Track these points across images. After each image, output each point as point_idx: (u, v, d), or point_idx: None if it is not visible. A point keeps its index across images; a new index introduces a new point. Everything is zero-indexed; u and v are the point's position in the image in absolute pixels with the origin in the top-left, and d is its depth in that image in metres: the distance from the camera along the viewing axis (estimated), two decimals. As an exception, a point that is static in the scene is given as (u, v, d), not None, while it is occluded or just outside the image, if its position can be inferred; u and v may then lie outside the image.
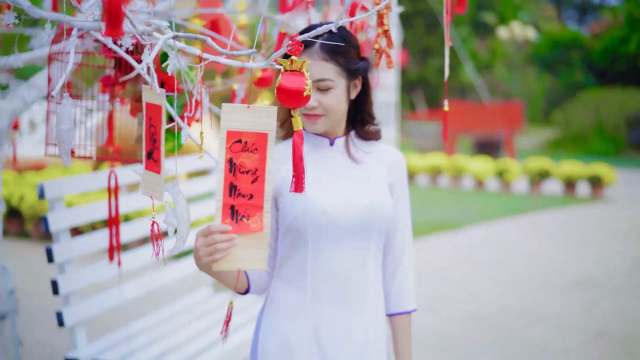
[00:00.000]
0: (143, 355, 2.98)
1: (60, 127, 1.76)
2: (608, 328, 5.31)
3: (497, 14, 28.27)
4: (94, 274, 3.11)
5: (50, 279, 2.92)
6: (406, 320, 2.14)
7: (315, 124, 2.01)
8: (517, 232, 9.33)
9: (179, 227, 1.67)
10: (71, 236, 3.02)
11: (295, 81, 1.72)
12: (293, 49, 1.74)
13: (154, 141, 1.52)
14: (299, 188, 1.69)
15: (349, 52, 2.01)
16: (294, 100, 1.72)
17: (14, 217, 8.06)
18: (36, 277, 6.06)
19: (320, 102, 1.99)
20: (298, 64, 1.74)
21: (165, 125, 1.55)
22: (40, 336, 4.78)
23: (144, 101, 1.50)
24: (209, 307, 3.66)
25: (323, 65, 1.98)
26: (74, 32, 2.10)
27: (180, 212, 1.68)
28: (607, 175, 12.34)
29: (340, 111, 2.03)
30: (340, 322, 2.02)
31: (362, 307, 2.04)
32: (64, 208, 2.96)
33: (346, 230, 2.01)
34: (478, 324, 5.25)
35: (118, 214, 2.25)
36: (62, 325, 2.92)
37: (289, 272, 2.04)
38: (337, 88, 1.99)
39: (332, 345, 2.01)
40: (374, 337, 2.06)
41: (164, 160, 1.52)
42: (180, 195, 1.70)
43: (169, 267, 3.69)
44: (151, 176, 1.57)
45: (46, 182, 2.87)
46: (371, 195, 2.04)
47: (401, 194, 2.13)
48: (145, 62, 1.43)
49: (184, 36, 1.70)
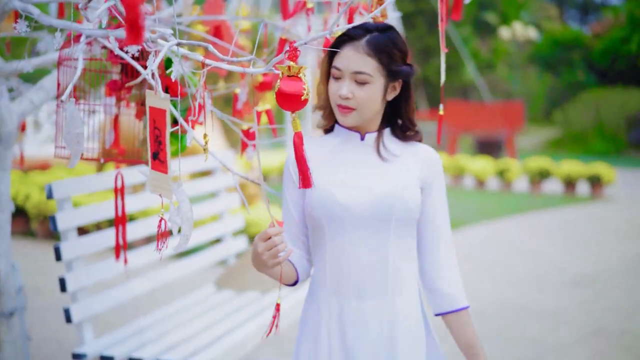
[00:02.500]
0: (149, 350, 3.07)
1: (74, 132, 1.85)
2: (605, 324, 5.39)
3: (499, 13, 28.30)
4: (101, 271, 3.21)
5: (58, 277, 3.02)
6: (458, 317, 2.19)
7: (346, 117, 2.07)
8: (517, 231, 9.41)
9: (183, 226, 1.76)
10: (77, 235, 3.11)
11: (294, 86, 1.81)
12: (291, 55, 1.83)
13: (160, 143, 1.61)
14: (306, 184, 1.81)
15: (394, 53, 2.06)
16: (292, 104, 1.82)
17: (20, 216, 8.16)
18: (42, 274, 6.16)
19: (354, 94, 2.04)
20: (296, 69, 1.83)
21: (170, 129, 1.65)
22: (47, 332, 4.88)
23: (148, 105, 1.60)
24: (212, 304, 3.76)
25: (365, 59, 2.04)
26: (82, 38, 2.20)
27: (184, 211, 1.77)
28: (606, 175, 12.41)
29: (373, 108, 2.08)
30: (358, 311, 2.09)
31: (379, 294, 2.10)
32: (72, 208, 3.06)
33: (361, 221, 2.07)
34: (478, 320, 5.29)
35: (125, 213, 2.34)
36: (70, 322, 3.02)
37: (315, 262, 2.17)
38: (373, 84, 2.05)
39: (352, 334, 2.09)
40: (388, 322, 2.10)
41: (170, 160, 1.62)
42: (184, 196, 1.80)
43: (174, 265, 3.78)
44: (158, 176, 1.66)
45: (54, 183, 2.97)
46: (391, 184, 2.08)
47: (437, 193, 2.16)
48: (150, 68, 1.52)
49: (186, 43, 1.80)
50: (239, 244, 4.36)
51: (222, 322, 3.45)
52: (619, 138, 21.14)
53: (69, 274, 3.03)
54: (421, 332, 2.17)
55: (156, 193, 1.65)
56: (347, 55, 2.05)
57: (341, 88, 2.05)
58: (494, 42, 27.71)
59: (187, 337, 3.26)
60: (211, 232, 4.18)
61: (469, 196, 12.47)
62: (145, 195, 3.58)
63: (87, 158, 2.45)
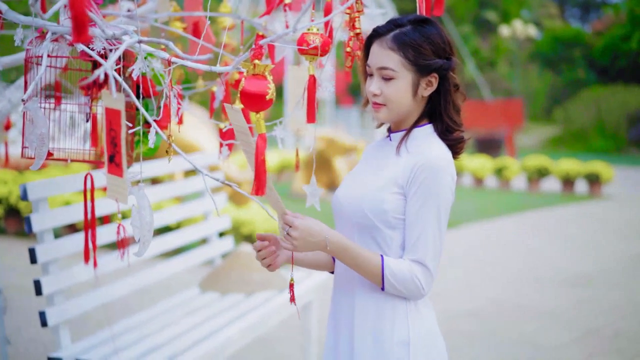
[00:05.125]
0: (126, 354, 3.01)
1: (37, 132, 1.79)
2: (599, 324, 5.33)
3: (500, 11, 28.23)
4: (78, 274, 3.14)
5: (33, 280, 2.95)
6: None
7: (378, 113, 2.06)
8: (515, 230, 9.35)
9: (142, 231, 1.70)
10: (68, 234, 3.04)
11: (258, 85, 1.74)
12: (256, 53, 1.76)
13: (115, 145, 1.54)
14: (259, 191, 1.72)
15: (422, 47, 1.99)
16: (257, 104, 1.75)
17: (13, 216, 8.11)
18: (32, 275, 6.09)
19: (382, 90, 2.02)
20: (261, 68, 1.76)
21: (129, 130, 1.58)
22: (33, 333, 4.82)
23: (104, 106, 1.53)
24: (195, 306, 3.69)
25: (388, 54, 2.00)
26: (48, 35, 2.13)
27: (144, 216, 1.70)
28: (605, 173, 12.34)
29: (404, 104, 2.03)
30: (345, 308, 2.12)
31: (354, 290, 2.09)
32: (48, 208, 2.99)
33: (349, 222, 2.07)
34: (472, 320, 5.27)
35: (94, 215, 2.28)
36: (45, 325, 2.95)
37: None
38: (399, 79, 2.01)
39: (341, 328, 2.13)
40: (359, 316, 2.08)
41: (125, 163, 1.55)
42: (145, 200, 1.73)
43: (159, 265, 3.72)
44: (114, 179, 1.59)
45: (28, 184, 2.90)
46: (364, 189, 2.04)
47: (413, 202, 1.98)
48: (104, 67, 1.46)
49: (147, 40, 1.73)
50: (225, 245, 4.29)
51: (203, 325, 3.39)
52: (620, 136, 21.09)
53: (44, 277, 2.97)
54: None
55: (112, 198, 1.58)
56: (373, 52, 2.04)
57: (370, 85, 2.05)
58: (495, 40, 27.64)
59: (166, 340, 3.19)
60: (197, 232, 4.12)
61: (467, 194, 12.41)
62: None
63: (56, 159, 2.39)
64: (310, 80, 1.93)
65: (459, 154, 2.11)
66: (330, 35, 2.42)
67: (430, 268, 1.98)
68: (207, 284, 3.96)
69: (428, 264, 1.97)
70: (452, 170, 2.02)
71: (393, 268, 1.97)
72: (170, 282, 5.23)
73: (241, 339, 3.37)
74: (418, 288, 1.98)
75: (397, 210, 2.00)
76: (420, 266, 1.97)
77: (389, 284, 1.98)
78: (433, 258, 1.98)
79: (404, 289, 1.98)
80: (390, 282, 1.97)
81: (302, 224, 1.94)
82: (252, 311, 3.59)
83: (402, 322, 2.02)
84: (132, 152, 2.41)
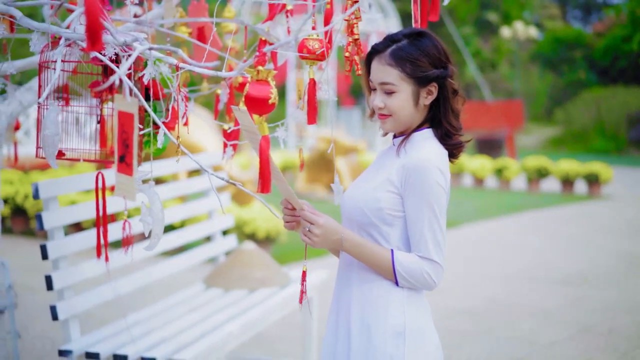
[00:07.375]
0: (133, 347, 3.12)
1: (44, 133, 1.90)
2: (594, 322, 5.43)
3: (501, 13, 28.30)
4: (88, 270, 3.25)
5: (44, 275, 3.07)
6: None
7: (385, 123, 2.20)
8: (515, 230, 9.45)
9: (154, 226, 1.81)
10: (74, 232, 3.16)
11: (261, 90, 1.86)
12: (259, 59, 1.88)
13: (127, 146, 1.65)
14: (264, 189, 1.85)
15: (419, 60, 2.13)
16: (260, 108, 1.87)
17: (19, 215, 8.24)
18: (39, 273, 6.21)
19: (385, 103, 2.16)
20: (264, 74, 1.88)
21: (139, 132, 1.69)
22: (40, 330, 4.94)
23: (117, 109, 1.64)
24: (200, 301, 3.80)
25: (388, 69, 2.14)
26: (61, 41, 2.24)
27: (155, 212, 1.81)
28: (604, 174, 12.44)
29: (407, 114, 2.17)
30: (344, 298, 2.23)
31: (352, 281, 2.21)
32: (58, 207, 3.11)
33: (352, 220, 2.20)
34: (469, 318, 5.38)
35: (106, 213, 2.38)
36: (56, 319, 3.07)
37: None
38: (401, 92, 2.14)
39: (340, 321, 2.24)
40: (356, 306, 2.20)
41: (136, 163, 1.66)
42: (155, 196, 1.84)
43: (164, 262, 3.83)
44: (124, 178, 1.70)
45: (41, 182, 3.02)
46: (362, 189, 2.20)
47: (409, 204, 2.13)
48: (118, 73, 1.57)
49: (158, 47, 1.84)
50: (229, 243, 4.40)
51: (205, 320, 3.50)
52: (620, 136, 21.16)
53: (55, 272, 3.08)
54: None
55: (120, 196, 1.69)
56: (373, 68, 2.18)
57: (374, 99, 2.18)
58: (496, 41, 27.72)
59: (172, 334, 3.30)
60: (201, 230, 4.23)
61: (468, 194, 12.51)
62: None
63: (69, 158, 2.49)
64: (310, 83, 2.05)
65: (457, 157, 2.24)
66: (330, 40, 2.53)
67: (437, 261, 2.12)
68: (211, 280, 4.08)
69: (434, 257, 2.11)
70: (442, 166, 2.14)
71: (403, 262, 2.12)
72: (175, 279, 5.34)
73: (242, 334, 3.48)
74: (428, 281, 2.13)
75: (392, 208, 2.14)
76: (427, 261, 2.12)
77: (402, 277, 2.12)
78: (437, 251, 2.12)
79: (416, 282, 2.13)
80: (402, 276, 2.12)
81: (325, 222, 2.09)
82: (254, 307, 3.71)
83: (397, 312, 2.14)
84: (142, 152, 2.52)
